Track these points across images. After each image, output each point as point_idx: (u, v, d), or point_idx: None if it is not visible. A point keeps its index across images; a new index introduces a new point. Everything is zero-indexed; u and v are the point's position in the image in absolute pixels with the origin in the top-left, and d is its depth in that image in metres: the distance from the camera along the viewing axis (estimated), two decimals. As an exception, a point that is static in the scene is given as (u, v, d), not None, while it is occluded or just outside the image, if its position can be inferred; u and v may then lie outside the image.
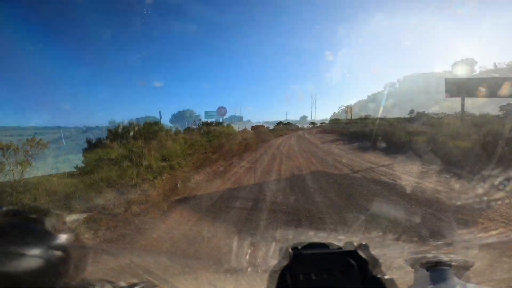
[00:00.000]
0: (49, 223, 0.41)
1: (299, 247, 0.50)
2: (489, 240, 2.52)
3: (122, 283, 0.53)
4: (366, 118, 30.42)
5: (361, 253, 0.47)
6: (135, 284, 0.61)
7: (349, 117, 33.08)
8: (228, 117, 51.63)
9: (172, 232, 4.19)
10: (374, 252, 0.46)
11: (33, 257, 0.35)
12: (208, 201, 5.62)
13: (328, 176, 7.17)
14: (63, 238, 0.41)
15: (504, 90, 12.35)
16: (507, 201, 4.29)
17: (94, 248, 3.60)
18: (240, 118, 53.76)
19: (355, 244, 0.50)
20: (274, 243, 3.24)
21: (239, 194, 6.07)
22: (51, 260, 0.37)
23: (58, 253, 0.38)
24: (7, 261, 0.32)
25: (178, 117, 44.15)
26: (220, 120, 27.00)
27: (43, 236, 0.38)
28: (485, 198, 4.51)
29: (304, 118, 55.12)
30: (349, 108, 35.17)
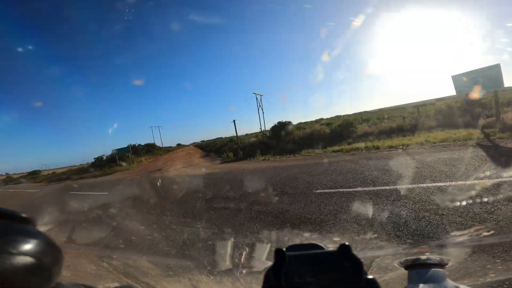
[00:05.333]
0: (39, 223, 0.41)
1: (284, 249, 0.51)
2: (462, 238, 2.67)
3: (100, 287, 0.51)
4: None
5: (347, 254, 0.48)
6: None
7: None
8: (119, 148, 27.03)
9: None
10: (369, 253, 0.47)
11: (25, 257, 0.34)
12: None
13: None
14: (53, 238, 0.40)
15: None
16: None
17: (69, 252, 3.44)
18: (143, 149, 31.42)
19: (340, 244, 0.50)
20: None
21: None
22: (43, 261, 0.36)
23: (51, 253, 0.38)
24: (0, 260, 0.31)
25: None
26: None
27: (34, 236, 0.37)
28: None
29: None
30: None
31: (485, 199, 3.47)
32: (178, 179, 10.93)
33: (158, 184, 10.41)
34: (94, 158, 31.84)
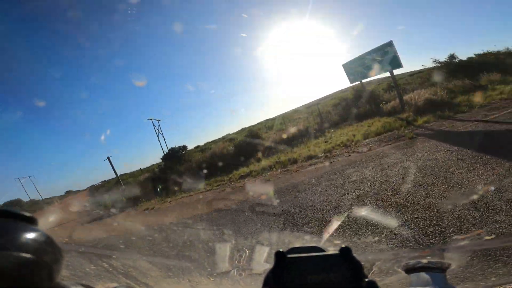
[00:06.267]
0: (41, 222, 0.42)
1: (283, 251, 0.51)
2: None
3: (100, 287, 0.52)
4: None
5: (347, 256, 0.48)
6: None
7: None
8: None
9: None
10: (371, 257, 0.47)
11: (26, 254, 0.34)
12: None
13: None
14: (53, 238, 0.40)
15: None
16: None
17: (69, 251, 3.45)
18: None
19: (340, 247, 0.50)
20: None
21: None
22: (43, 259, 0.36)
23: (51, 252, 0.38)
24: (0, 260, 0.32)
25: None
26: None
27: (35, 234, 0.37)
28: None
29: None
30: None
31: None
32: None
33: None
34: None
